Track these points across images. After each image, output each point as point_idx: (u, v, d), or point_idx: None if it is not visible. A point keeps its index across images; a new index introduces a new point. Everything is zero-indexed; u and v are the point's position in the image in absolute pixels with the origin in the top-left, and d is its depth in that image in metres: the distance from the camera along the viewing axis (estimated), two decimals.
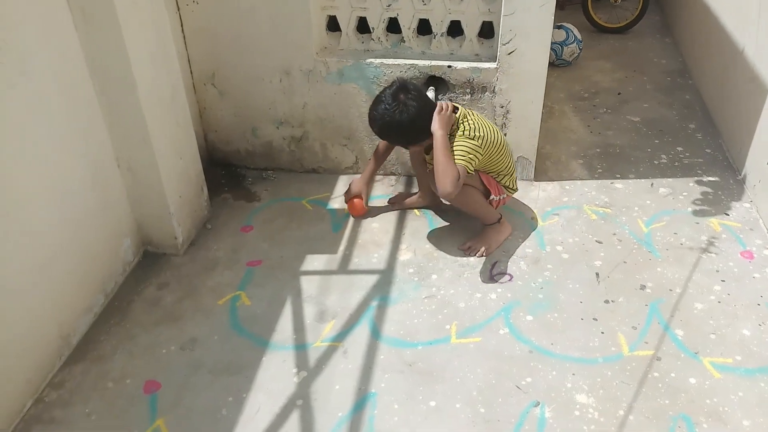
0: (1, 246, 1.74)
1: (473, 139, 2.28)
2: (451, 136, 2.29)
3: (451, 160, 2.21)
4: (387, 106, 2.25)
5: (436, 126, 2.24)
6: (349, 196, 2.68)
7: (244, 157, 3.03)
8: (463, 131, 2.29)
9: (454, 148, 2.26)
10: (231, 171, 3.02)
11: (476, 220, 2.58)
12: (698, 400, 1.85)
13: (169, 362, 2.03)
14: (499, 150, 2.41)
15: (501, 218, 2.52)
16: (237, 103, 2.90)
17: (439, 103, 2.31)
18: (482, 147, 2.31)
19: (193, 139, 2.54)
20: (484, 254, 2.45)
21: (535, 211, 2.70)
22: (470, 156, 2.26)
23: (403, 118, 2.24)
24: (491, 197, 2.47)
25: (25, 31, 1.79)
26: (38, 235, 1.90)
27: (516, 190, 2.60)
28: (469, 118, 2.34)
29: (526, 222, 2.63)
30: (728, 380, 1.91)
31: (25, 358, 1.87)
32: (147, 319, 2.19)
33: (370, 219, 2.66)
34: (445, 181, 2.16)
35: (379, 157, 2.66)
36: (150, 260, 2.46)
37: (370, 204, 2.74)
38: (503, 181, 2.52)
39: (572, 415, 1.82)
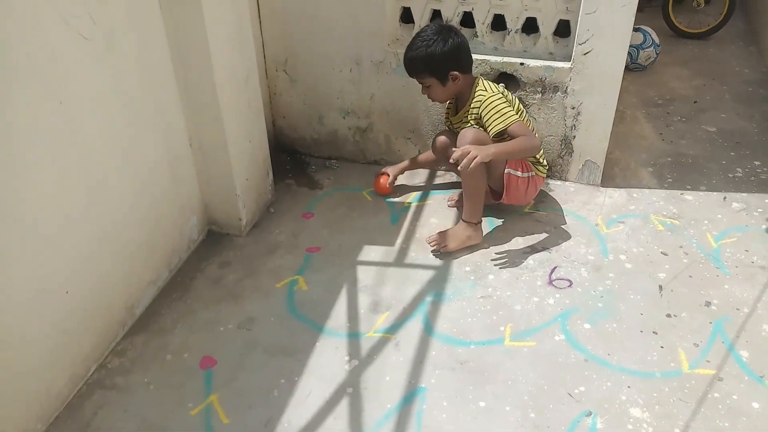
0: (75, 211, 1.82)
1: (496, 97, 2.36)
2: (461, 103, 2.46)
3: (515, 143, 2.27)
4: (426, 34, 2.34)
5: (480, 158, 2.18)
6: (379, 173, 2.78)
7: (309, 144, 3.07)
8: (485, 95, 2.36)
9: (494, 110, 2.33)
10: (296, 157, 3.07)
11: (536, 224, 2.55)
12: (761, 426, 1.78)
13: (227, 340, 2.09)
14: (518, 113, 2.42)
15: (479, 223, 2.47)
16: (306, 91, 2.94)
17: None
18: (508, 101, 2.37)
19: (262, 123, 2.59)
20: (443, 250, 2.43)
21: (599, 217, 2.63)
22: (509, 109, 2.33)
23: (444, 48, 2.31)
24: (507, 171, 2.44)
25: (114, 9, 1.86)
26: (110, 205, 1.97)
27: (546, 167, 2.58)
28: (482, 83, 2.42)
29: (590, 228, 2.57)
30: None
31: (92, 324, 1.95)
32: (208, 296, 2.26)
33: (428, 214, 2.66)
34: (531, 145, 2.31)
35: (422, 161, 2.78)
36: (214, 239, 2.53)
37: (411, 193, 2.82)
38: None
39: (625, 429, 1.78)
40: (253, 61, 2.46)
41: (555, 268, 2.37)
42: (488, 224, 2.61)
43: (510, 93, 2.49)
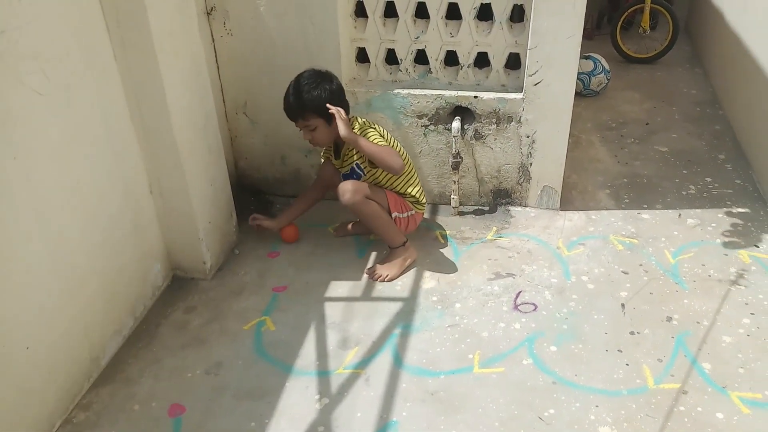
0: (36, 266, 1.81)
1: (371, 131, 2.44)
2: (342, 145, 2.52)
3: (380, 146, 2.37)
4: (310, 77, 2.40)
5: (344, 131, 2.34)
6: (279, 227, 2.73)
7: (272, 184, 3.10)
8: (365, 133, 2.42)
9: (367, 136, 2.40)
10: (260, 197, 3.08)
11: (499, 250, 2.59)
12: None
13: (194, 386, 2.06)
14: (397, 150, 2.50)
15: (407, 242, 2.55)
16: (267, 132, 2.97)
17: (331, 109, 2.38)
18: (380, 135, 2.45)
19: (224, 166, 2.61)
20: (386, 280, 2.48)
21: (560, 240, 2.69)
22: (381, 139, 2.41)
23: (332, 86, 2.39)
24: (394, 215, 2.52)
25: (68, 63, 1.88)
26: (71, 258, 1.96)
27: (424, 204, 2.66)
28: (357, 121, 2.48)
29: (552, 251, 2.62)
30: (758, 416, 1.87)
31: (56, 378, 1.92)
32: (174, 343, 2.24)
33: None
34: (394, 160, 2.36)
35: (302, 203, 2.73)
36: (178, 284, 2.51)
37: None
38: (409, 192, 2.56)
39: None
40: (211, 105, 2.49)
41: (520, 292, 2.41)
42: (452, 253, 2.64)
43: (387, 132, 2.57)
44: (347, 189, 2.41)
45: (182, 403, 2.00)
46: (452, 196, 2.86)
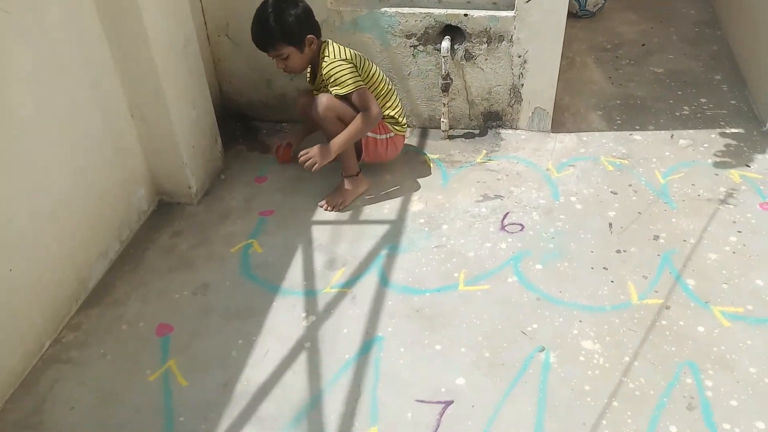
0: (15, 190, 1.79)
1: (343, 61, 2.34)
2: (317, 69, 2.40)
3: (352, 129, 2.35)
4: (274, 4, 2.27)
5: (327, 159, 2.38)
6: (281, 143, 2.71)
7: (258, 108, 3.03)
8: (328, 61, 2.34)
9: (334, 79, 2.33)
10: (246, 123, 3.03)
11: (488, 173, 2.57)
12: (705, 347, 1.84)
13: (182, 307, 2.08)
14: (370, 74, 2.44)
15: (359, 172, 2.51)
16: (251, 55, 2.86)
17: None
18: (354, 67, 2.36)
19: (206, 89, 2.55)
20: (340, 208, 2.45)
21: (550, 162, 2.66)
22: (353, 75, 2.33)
23: (297, 11, 2.28)
24: (371, 136, 2.47)
25: None
26: (51, 180, 1.94)
27: (405, 125, 2.60)
28: (328, 47, 2.37)
29: (541, 173, 2.60)
30: (738, 329, 1.89)
31: (44, 300, 1.93)
32: (161, 266, 2.24)
33: (382, 170, 2.65)
34: (369, 123, 2.36)
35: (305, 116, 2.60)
36: (165, 209, 2.50)
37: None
38: (387, 114, 2.50)
39: (577, 361, 1.82)
40: (191, 27, 2.40)
41: (507, 213, 2.39)
42: (441, 176, 2.62)
43: (360, 56, 2.45)
44: (322, 102, 2.35)
45: (170, 323, 2.02)
46: (442, 120, 2.81)
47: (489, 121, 2.89)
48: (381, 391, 1.77)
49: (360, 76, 2.37)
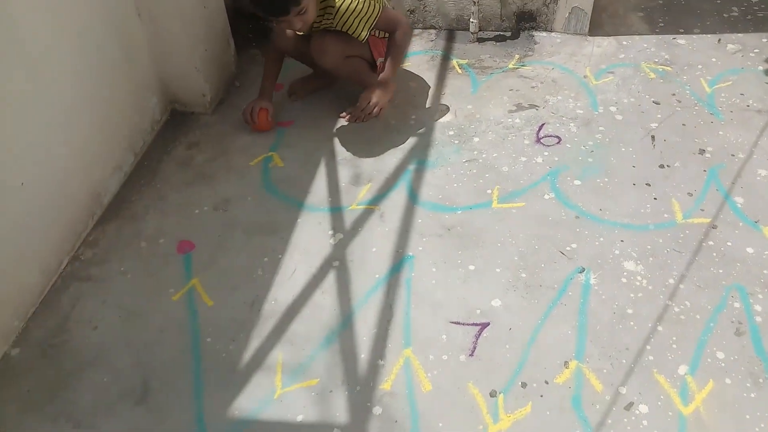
0: (22, 99, 1.65)
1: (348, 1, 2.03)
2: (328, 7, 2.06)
3: (399, 49, 2.16)
4: None
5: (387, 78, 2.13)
6: (254, 109, 2.25)
7: None
8: (337, 6, 2.03)
9: (356, 14, 2.04)
10: (259, 25, 2.81)
11: (521, 80, 2.40)
12: (755, 270, 1.75)
13: (203, 222, 1.99)
14: None
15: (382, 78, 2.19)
16: None
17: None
18: None
19: None
20: (378, 113, 2.13)
21: (588, 68, 2.48)
22: (365, 5, 2.05)
23: None
24: (379, 61, 2.24)
25: None
26: (58, 87, 1.79)
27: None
28: None
29: (578, 81, 2.42)
30: None
31: (57, 216, 1.84)
32: (178, 179, 2.13)
33: (407, 78, 2.48)
34: (408, 41, 2.18)
35: (274, 71, 2.30)
36: (178, 119, 2.36)
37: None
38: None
39: (619, 282, 1.74)
40: None
41: (543, 125, 2.25)
42: (471, 84, 2.45)
43: None
44: (326, 50, 2.10)
45: (191, 239, 1.94)
46: (471, 20, 2.59)
47: (522, 23, 2.67)
48: (414, 311, 1.71)
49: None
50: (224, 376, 1.60)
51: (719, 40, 2.59)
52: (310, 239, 1.92)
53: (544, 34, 2.66)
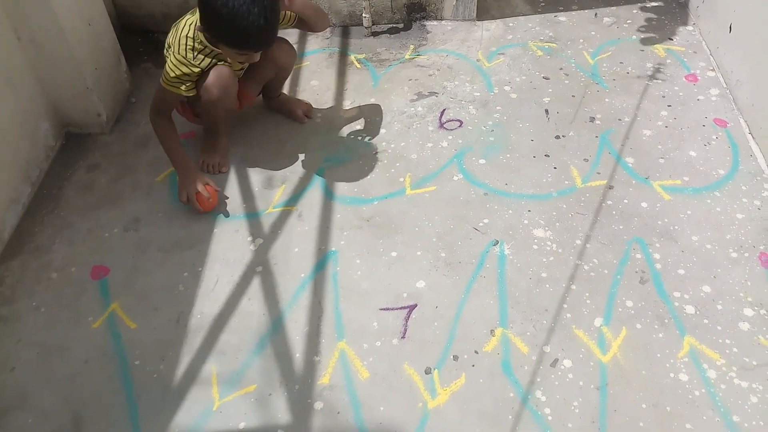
0: None
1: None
2: None
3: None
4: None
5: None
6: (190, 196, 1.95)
7: (160, 21, 2.74)
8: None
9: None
10: (148, 38, 2.74)
11: (419, 69, 2.47)
12: (650, 222, 1.90)
13: (114, 245, 1.93)
14: None
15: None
16: None
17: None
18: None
19: (100, 3, 2.26)
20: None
21: (479, 52, 2.58)
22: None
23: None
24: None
25: None
26: None
27: None
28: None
29: (472, 65, 2.52)
30: (677, 201, 1.96)
31: None
32: (82, 204, 2.05)
33: (308, 77, 2.50)
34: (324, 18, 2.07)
35: (176, 136, 2.06)
36: (75, 142, 2.26)
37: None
38: None
39: (531, 249, 1.84)
40: None
41: (444, 110, 2.33)
42: (371, 78, 2.49)
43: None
44: (288, 50, 2.13)
45: (105, 264, 1.87)
46: (363, 15, 2.64)
47: (413, 14, 2.74)
48: (343, 304, 1.74)
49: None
50: (159, 397, 1.56)
51: (596, 14, 2.77)
52: (229, 248, 1.90)
53: (435, 22, 2.74)
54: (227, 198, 2.05)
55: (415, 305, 1.72)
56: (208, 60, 1.93)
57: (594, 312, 1.68)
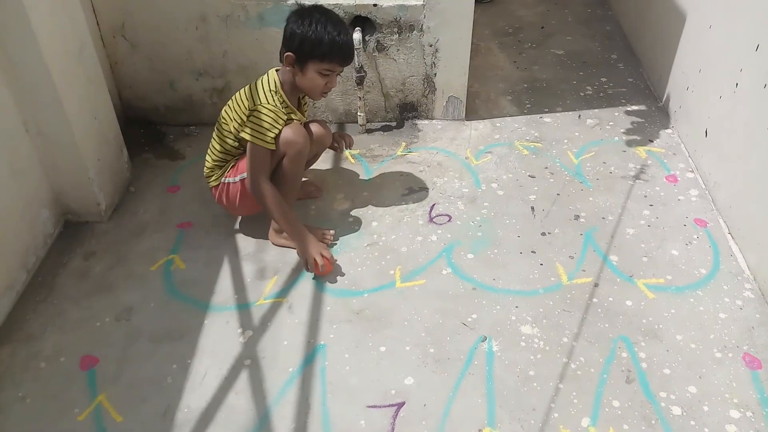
0: None
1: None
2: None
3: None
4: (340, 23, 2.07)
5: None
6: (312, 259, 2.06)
7: (163, 113, 2.86)
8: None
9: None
10: (151, 129, 2.85)
11: (410, 165, 2.57)
12: (635, 321, 1.93)
13: (105, 334, 1.93)
14: None
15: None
16: (151, 56, 2.71)
17: None
18: None
19: (107, 96, 2.37)
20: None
21: (468, 150, 2.69)
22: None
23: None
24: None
25: None
26: None
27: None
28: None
29: (461, 162, 2.62)
30: (661, 299, 2.00)
31: None
32: (76, 292, 2.07)
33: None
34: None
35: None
36: (72, 230, 2.31)
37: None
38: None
39: (519, 347, 1.86)
40: (85, 28, 2.22)
41: (434, 205, 2.40)
42: (364, 172, 2.58)
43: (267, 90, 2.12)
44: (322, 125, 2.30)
45: (94, 353, 1.87)
46: (358, 113, 2.77)
47: (405, 113, 2.88)
48: (330, 401, 1.73)
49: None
50: None
51: (579, 116, 2.91)
52: (218, 340, 1.91)
53: (426, 121, 2.88)
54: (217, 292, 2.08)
55: (403, 403, 1.72)
56: (285, 116, 2.07)
57: (581, 411, 1.69)
